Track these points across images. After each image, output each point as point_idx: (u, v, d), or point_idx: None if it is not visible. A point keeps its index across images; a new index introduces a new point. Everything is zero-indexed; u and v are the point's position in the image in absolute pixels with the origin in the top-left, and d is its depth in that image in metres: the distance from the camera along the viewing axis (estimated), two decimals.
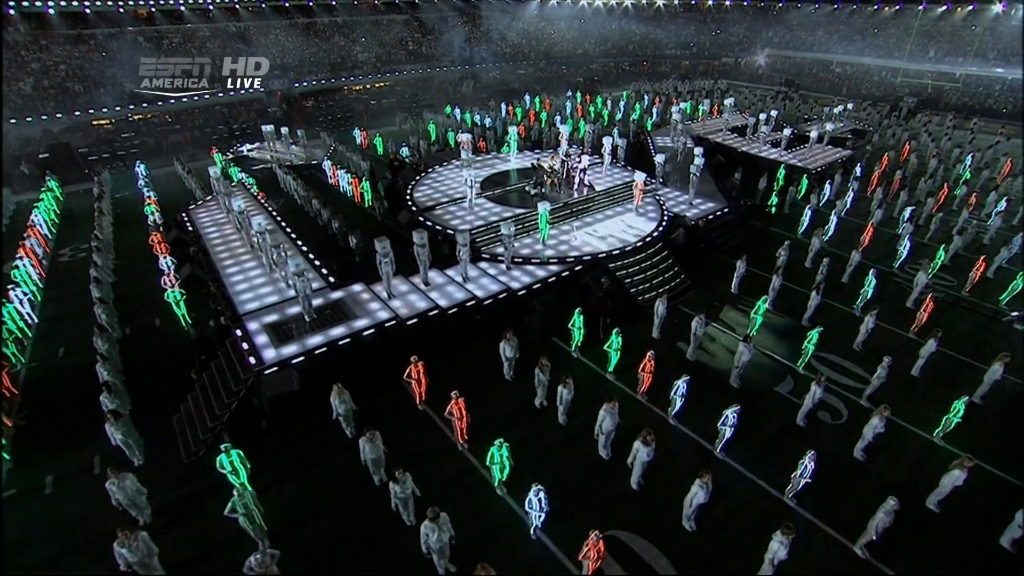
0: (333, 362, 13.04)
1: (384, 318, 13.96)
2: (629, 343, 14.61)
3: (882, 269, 19.55)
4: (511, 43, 60.25)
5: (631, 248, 17.80)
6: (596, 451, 11.98)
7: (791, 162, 26.77)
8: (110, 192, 28.40)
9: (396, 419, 13.03)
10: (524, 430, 12.74)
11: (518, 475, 11.17)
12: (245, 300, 15.02)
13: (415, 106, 44.60)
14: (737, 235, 21.26)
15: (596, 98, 42.80)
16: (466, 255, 15.58)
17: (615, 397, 11.39)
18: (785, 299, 17.27)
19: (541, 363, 12.79)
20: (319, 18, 55.80)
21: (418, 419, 13.14)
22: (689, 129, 31.11)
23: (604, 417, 11.32)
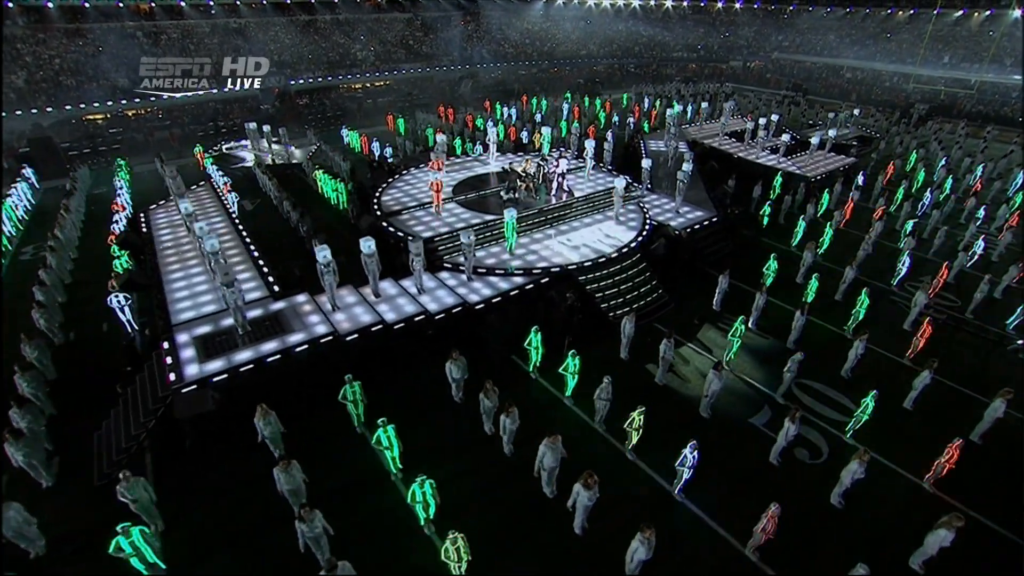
0: (261, 380, 11.89)
1: (321, 333, 12.78)
2: (596, 363, 13.40)
3: (879, 287, 18.08)
4: (513, 43, 59.04)
5: (604, 260, 16.47)
6: (541, 487, 10.70)
7: (789, 169, 25.24)
8: (87, 189, 27.61)
9: (331, 443, 11.88)
10: (465, 460, 11.51)
11: (451, 512, 9.96)
12: (182, 309, 13.93)
13: (408, 106, 43.44)
14: (725, 246, 19.83)
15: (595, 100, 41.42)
16: (419, 265, 14.37)
17: (556, 431, 10.08)
18: (771, 318, 15.83)
19: (486, 388, 11.54)
20: (320, 15, 55.03)
21: (355, 443, 11.94)
22: (684, 133, 29.65)
23: (544, 453, 10.04)
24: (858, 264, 18.17)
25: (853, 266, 16.88)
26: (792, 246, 20.28)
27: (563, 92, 44.13)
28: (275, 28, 51.92)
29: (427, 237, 16.94)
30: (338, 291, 14.08)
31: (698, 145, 27.81)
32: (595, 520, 9.89)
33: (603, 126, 34.77)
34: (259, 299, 14.19)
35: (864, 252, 18.90)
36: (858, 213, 22.91)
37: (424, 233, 17.24)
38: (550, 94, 45.16)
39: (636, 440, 11.20)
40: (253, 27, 50.53)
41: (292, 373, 12.27)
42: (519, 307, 14.93)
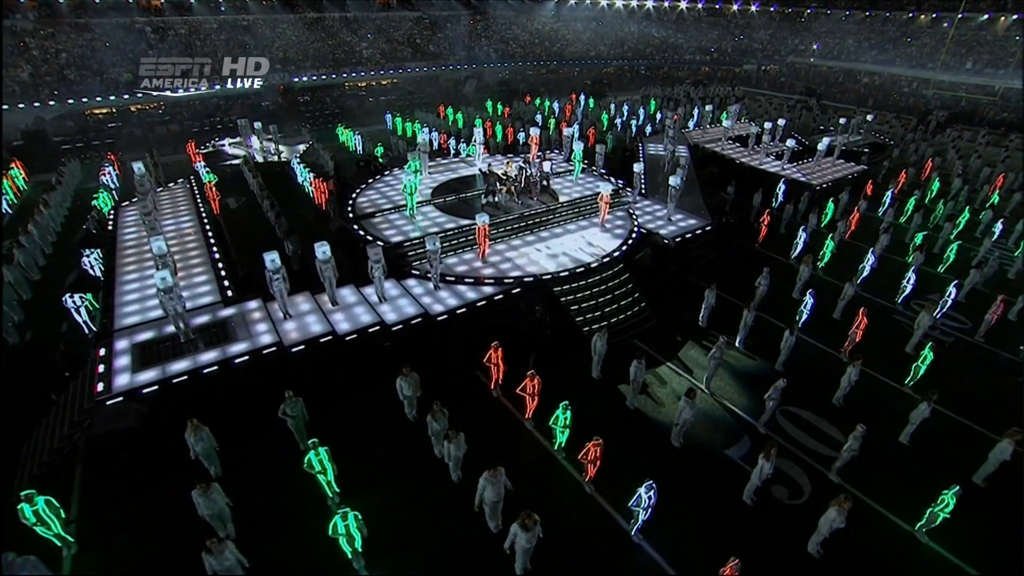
0: (197, 393, 11.01)
1: (265, 343, 11.88)
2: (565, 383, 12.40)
3: (883, 305, 16.73)
4: (522, 43, 58.02)
5: (582, 269, 15.36)
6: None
7: (794, 176, 23.86)
8: (76, 184, 27.17)
9: (271, 462, 10.95)
10: (410, 486, 10.52)
11: (383, 546, 9.01)
12: (129, 312, 13.12)
13: (407, 105, 42.64)
14: (719, 257, 18.58)
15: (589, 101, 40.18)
16: (379, 272, 13.40)
17: (498, 464, 9.01)
18: (761, 336, 14.56)
19: (433, 409, 10.54)
20: (329, 13, 54.58)
21: (297, 464, 10.97)
22: (687, 137, 28.36)
23: (484, 487, 8.99)
24: (860, 280, 16.89)
25: (854, 282, 15.55)
26: (791, 259, 18.97)
27: (569, 93, 43.13)
28: (283, 25, 51.59)
29: (397, 242, 15.99)
30: (290, 298, 13.20)
31: (699, 150, 26.54)
32: (541, 560, 8.85)
33: (605, 128, 33.56)
34: (209, 304, 13.33)
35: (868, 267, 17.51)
36: (865, 224, 21.46)
37: (394, 237, 16.29)
38: (557, 95, 44.01)
39: (593, 472, 10.10)
40: (261, 24, 50.28)
41: (232, 386, 11.38)
42: (487, 319, 13.89)
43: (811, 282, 16.57)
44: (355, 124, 38.59)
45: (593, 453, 9.69)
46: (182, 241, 16.46)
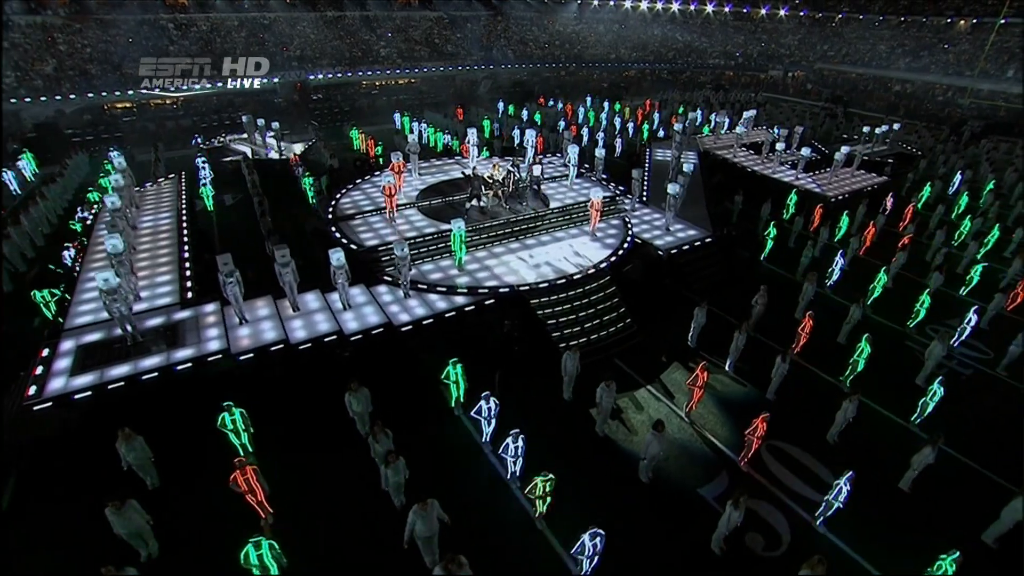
0: (134, 400, 10.34)
1: (211, 349, 11.16)
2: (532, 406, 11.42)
3: (894, 330, 15.26)
4: (541, 44, 57.03)
5: (563, 281, 14.31)
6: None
7: (808, 187, 22.34)
8: (82, 176, 27.15)
9: (211, 476, 10.18)
10: (351, 510, 9.63)
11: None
12: (84, 311, 12.57)
13: (419, 105, 42.06)
14: (719, 271, 17.31)
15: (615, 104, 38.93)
16: (342, 279, 12.58)
17: (428, 498, 8.06)
18: (755, 360, 13.24)
19: (375, 431, 9.66)
20: (350, 12, 54.48)
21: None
22: (699, 143, 26.98)
23: (414, 521, 8.06)
24: (869, 301, 15.46)
25: (861, 304, 14.13)
26: (798, 275, 17.57)
27: (584, 97, 41.95)
28: (302, 23, 51.62)
29: (372, 246, 15.18)
30: (250, 303, 12.51)
31: (709, 156, 25.17)
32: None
33: (615, 132, 32.28)
34: (166, 306, 12.69)
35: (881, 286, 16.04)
36: (883, 240, 19.88)
37: (370, 241, 15.48)
38: (572, 97, 42.83)
39: (544, 508, 9.07)
40: (281, 22, 50.40)
41: (173, 394, 10.68)
42: (455, 331, 12.97)
43: (820, 303, 15.23)
44: (365, 123, 38.22)
45: (541, 489, 8.66)
46: (156, 238, 15.93)
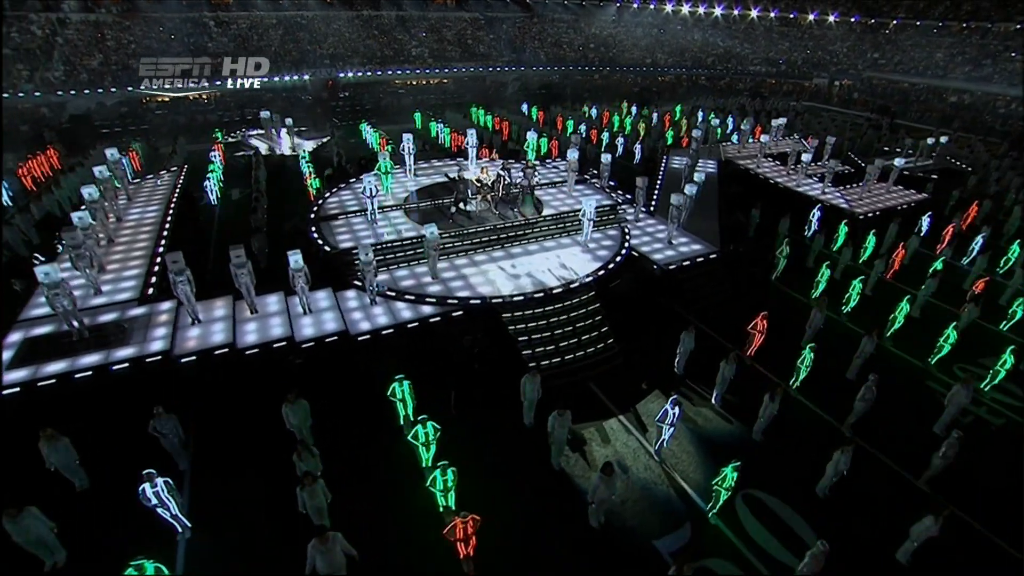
0: (66, 399, 9.85)
1: (153, 350, 10.58)
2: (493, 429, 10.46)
3: (912, 365, 13.46)
4: (576, 47, 55.72)
5: (541, 294, 13.18)
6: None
7: (834, 202, 20.42)
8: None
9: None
10: (265, 535, 8.83)
11: None
12: (42, 303, 12.23)
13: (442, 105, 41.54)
14: (722, 290, 15.80)
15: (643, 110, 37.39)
16: (301, 282, 11.86)
17: (327, 532, 7.15)
18: (748, 392, 11.73)
19: (298, 450, 8.84)
20: (386, 11, 54.66)
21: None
22: (721, 151, 25.25)
23: (313, 557, 7.18)
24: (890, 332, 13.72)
25: (874, 336, 12.41)
26: (812, 297, 15.86)
27: (616, 100, 40.58)
28: (337, 22, 52.05)
29: (344, 248, 14.43)
30: (207, 303, 11.95)
31: (730, 165, 23.47)
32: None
33: (638, 138, 30.80)
34: (124, 302, 12.24)
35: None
36: (915, 263, 17.86)
37: (345, 243, 14.74)
38: (601, 101, 41.43)
39: (467, 551, 8.01)
40: (317, 20, 50.93)
41: (109, 395, 10.15)
42: (418, 343, 12.06)
43: (833, 331, 13.58)
44: (387, 122, 37.91)
45: (460, 531, 7.61)
46: (137, 231, 15.64)
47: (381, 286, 12.90)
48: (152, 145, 29.94)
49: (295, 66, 46.15)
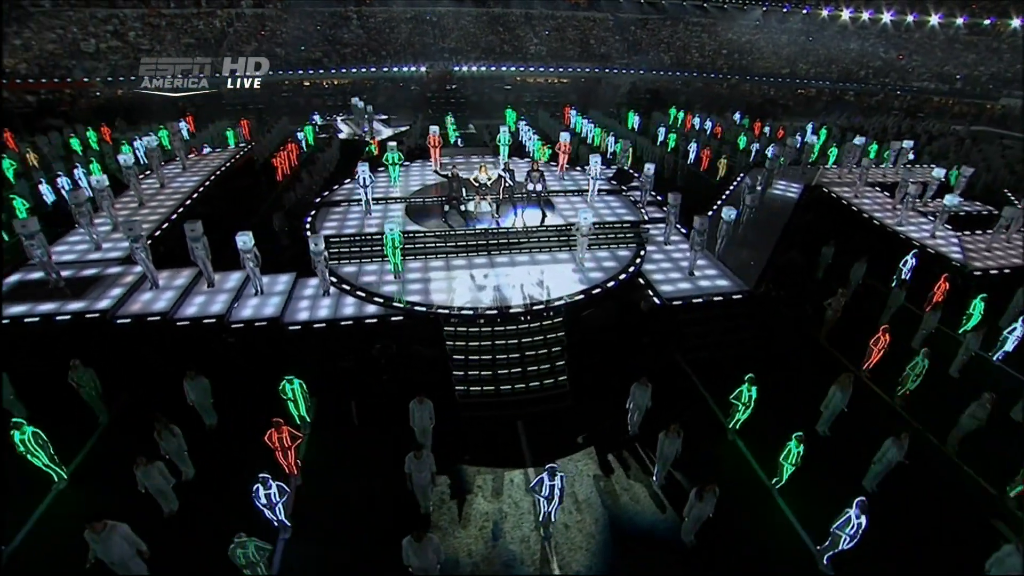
0: (14, 339, 10.50)
1: (99, 307, 10.89)
2: (379, 453, 9.27)
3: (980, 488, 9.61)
4: (705, 52, 50.99)
5: (495, 312, 11.51)
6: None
7: (944, 249, 15.72)
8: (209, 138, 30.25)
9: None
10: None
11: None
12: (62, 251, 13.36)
13: (536, 103, 40.28)
14: (740, 340, 12.75)
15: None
16: (251, 263, 11.54)
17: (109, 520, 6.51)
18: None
19: (158, 428, 8.42)
20: (514, 9, 54.67)
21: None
22: (817, 174, 20.91)
23: (92, 540, 6.61)
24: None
25: (904, 442, 8.89)
26: (863, 370, 12.15)
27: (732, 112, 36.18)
28: (465, 19, 53.12)
29: (327, 236, 13.93)
30: (174, 271, 12.22)
31: (817, 190, 19.30)
32: None
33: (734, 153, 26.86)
34: (112, 259, 12.88)
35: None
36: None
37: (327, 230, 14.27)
38: (713, 111, 37.19)
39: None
40: (448, 16, 52.45)
41: (44, 344, 10.65)
42: (343, 341, 11.18)
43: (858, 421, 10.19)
44: (482, 116, 37.62)
45: (275, 439, 6.78)
46: (168, 197, 16.54)
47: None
48: (263, 122, 32.53)
49: (415, 58, 48.05)
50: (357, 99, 29.91)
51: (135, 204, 15.60)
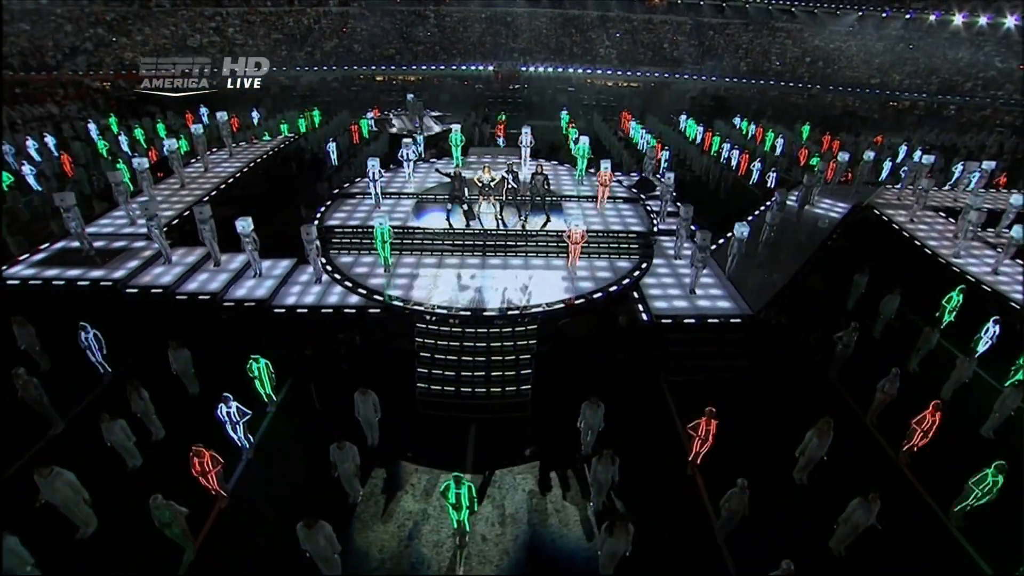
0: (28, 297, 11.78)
1: (116, 277, 11.98)
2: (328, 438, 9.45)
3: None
4: (787, 59, 47.67)
5: (468, 313, 11.39)
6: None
7: (1005, 288, 13.66)
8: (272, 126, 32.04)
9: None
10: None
11: None
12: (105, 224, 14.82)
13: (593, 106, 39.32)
14: (734, 368, 11.79)
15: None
16: (250, 246, 12.17)
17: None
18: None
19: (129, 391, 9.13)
20: (589, 11, 53.85)
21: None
22: (870, 194, 18.88)
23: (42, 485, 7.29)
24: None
25: (873, 504, 7.72)
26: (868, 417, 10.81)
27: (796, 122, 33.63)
28: (540, 19, 53.02)
29: (329, 225, 14.43)
30: (187, 249, 13.20)
31: (867, 211, 17.43)
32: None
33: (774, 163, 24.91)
34: (137, 235, 14.05)
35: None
36: None
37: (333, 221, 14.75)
38: (784, 124, 34.56)
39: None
40: (523, 16, 52.64)
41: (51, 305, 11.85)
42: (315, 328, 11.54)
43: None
44: (537, 117, 37.29)
45: (197, 466, 7.19)
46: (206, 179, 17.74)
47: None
48: (328, 112, 34.15)
49: (484, 57, 48.64)
50: (412, 95, 30.65)
51: (177, 185, 16.95)
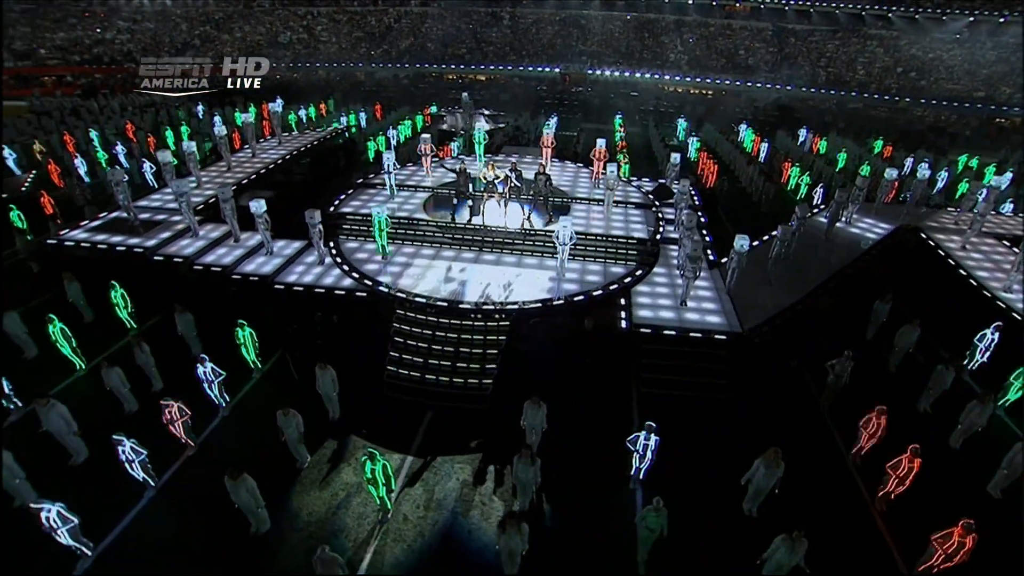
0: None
1: (148, 245, 13.40)
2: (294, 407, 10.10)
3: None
4: (874, 69, 43.86)
5: (444, 304, 11.63)
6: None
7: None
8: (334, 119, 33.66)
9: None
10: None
11: None
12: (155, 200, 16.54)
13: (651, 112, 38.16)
14: (716, 387, 11.22)
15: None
16: (262, 226, 13.11)
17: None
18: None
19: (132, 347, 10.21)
20: (664, 15, 52.34)
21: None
22: (923, 215, 17.08)
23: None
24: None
25: (798, 545, 7.13)
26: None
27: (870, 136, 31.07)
28: (614, 23, 52.23)
29: (342, 212, 15.18)
30: (212, 226, 14.44)
31: (912, 234, 15.80)
32: None
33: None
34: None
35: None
36: None
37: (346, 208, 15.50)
38: (856, 137, 31.98)
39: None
40: (596, 19, 52.12)
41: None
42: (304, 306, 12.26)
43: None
44: (590, 119, 36.86)
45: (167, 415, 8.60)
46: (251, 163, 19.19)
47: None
48: (389, 107, 35.65)
49: (552, 59, 48.65)
50: (466, 94, 31.44)
51: (224, 167, 18.51)
